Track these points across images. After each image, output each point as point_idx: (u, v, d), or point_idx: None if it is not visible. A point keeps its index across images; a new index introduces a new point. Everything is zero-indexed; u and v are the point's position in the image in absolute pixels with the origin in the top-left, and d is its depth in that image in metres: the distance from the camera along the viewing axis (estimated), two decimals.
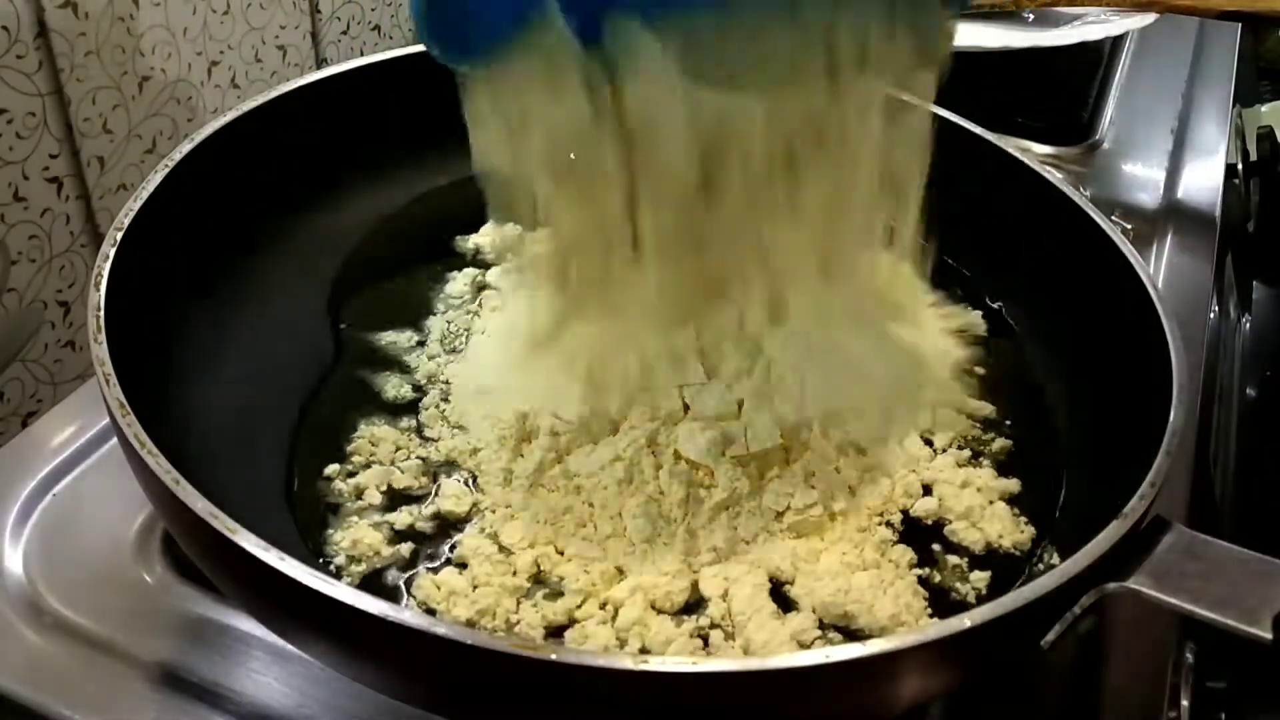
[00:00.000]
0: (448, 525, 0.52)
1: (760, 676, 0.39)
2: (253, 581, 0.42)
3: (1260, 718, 0.58)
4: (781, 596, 0.50)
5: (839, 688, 0.41)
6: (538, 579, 0.50)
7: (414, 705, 0.46)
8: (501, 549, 0.51)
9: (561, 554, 0.51)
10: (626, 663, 0.38)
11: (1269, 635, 0.41)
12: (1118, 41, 1.07)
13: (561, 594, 0.49)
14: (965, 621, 0.40)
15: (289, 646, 0.48)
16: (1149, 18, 0.95)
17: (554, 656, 0.38)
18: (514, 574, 0.50)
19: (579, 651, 0.44)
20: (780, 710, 0.40)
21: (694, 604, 0.50)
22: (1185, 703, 0.52)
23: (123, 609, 0.52)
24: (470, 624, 0.48)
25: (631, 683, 0.38)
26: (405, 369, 0.60)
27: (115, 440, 0.54)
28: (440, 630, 0.38)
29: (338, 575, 0.50)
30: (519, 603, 0.49)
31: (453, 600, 0.48)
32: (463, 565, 0.50)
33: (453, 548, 0.51)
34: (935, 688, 0.45)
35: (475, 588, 0.49)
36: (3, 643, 0.51)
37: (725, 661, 0.41)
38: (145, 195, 0.55)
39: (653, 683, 0.38)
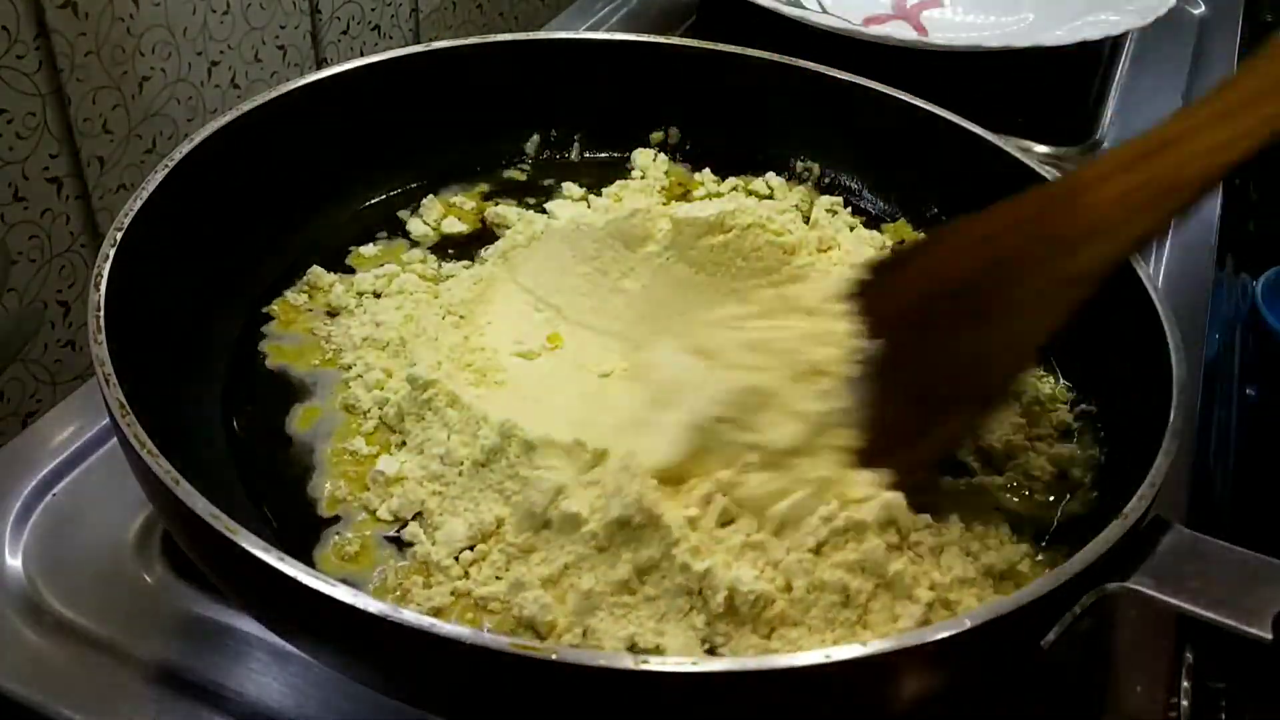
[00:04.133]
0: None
1: (760, 676, 0.39)
2: (253, 582, 0.42)
3: (1260, 718, 0.58)
4: None
5: (839, 688, 0.41)
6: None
7: (414, 705, 0.46)
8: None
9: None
10: (627, 662, 0.38)
11: (1269, 635, 0.41)
12: (1118, 41, 1.07)
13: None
14: (965, 622, 0.40)
15: (289, 646, 0.48)
16: (1149, 17, 0.95)
17: (555, 657, 0.38)
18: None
19: (579, 651, 0.44)
20: (780, 710, 0.40)
21: None
22: (1185, 703, 0.52)
23: (123, 609, 0.52)
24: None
25: (631, 683, 0.38)
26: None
27: (115, 440, 0.54)
28: (440, 630, 0.38)
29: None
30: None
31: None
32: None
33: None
34: (935, 688, 0.45)
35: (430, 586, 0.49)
36: (3, 643, 0.51)
37: (725, 661, 0.41)
38: (145, 195, 0.55)
39: (652, 683, 0.38)
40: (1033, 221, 0.49)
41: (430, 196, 0.72)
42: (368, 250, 0.68)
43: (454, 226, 0.70)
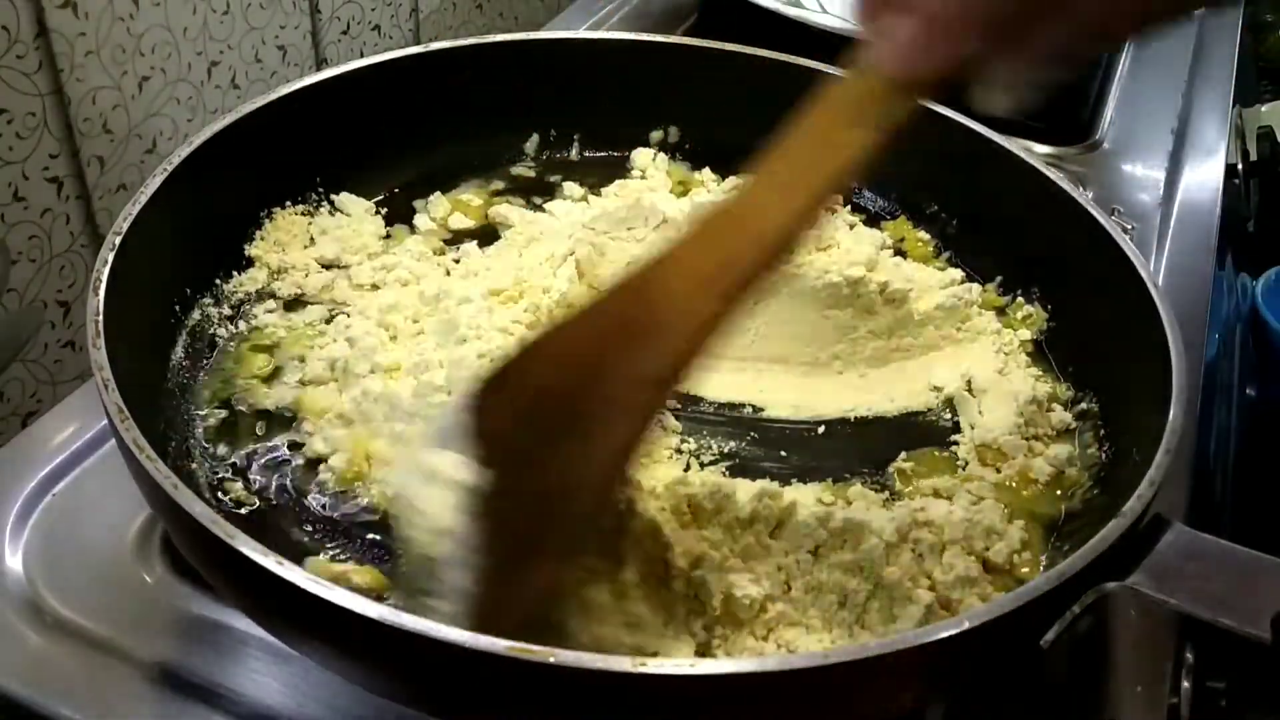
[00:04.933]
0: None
1: (759, 678, 0.39)
2: (251, 586, 0.42)
3: (1260, 718, 0.58)
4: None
5: (839, 688, 0.41)
6: None
7: (412, 707, 0.46)
8: None
9: None
10: (625, 665, 0.38)
11: (1269, 635, 0.41)
12: None
13: None
14: (965, 622, 0.40)
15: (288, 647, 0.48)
16: None
17: (553, 659, 0.38)
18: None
19: (578, 654, 0.44)
20: (779, 711, 0.40)
21: None
22: (1185, 703, 0.52)
23: (123, 609, 0.52)
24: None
25: (630, 685, 0.38)
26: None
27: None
28: (439, 633, 0.38)
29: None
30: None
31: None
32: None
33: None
34: (935, 688, 0.45)
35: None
36: (3, 643, 0.51)
37: (724, 663, 0.41)
38: (145, 197, 0.55)
39: (651, 685, 0.38)
40: (611, 317, 0.43)
41: (437, 193, 0.72)
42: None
43: (460, 223, 0.70)
